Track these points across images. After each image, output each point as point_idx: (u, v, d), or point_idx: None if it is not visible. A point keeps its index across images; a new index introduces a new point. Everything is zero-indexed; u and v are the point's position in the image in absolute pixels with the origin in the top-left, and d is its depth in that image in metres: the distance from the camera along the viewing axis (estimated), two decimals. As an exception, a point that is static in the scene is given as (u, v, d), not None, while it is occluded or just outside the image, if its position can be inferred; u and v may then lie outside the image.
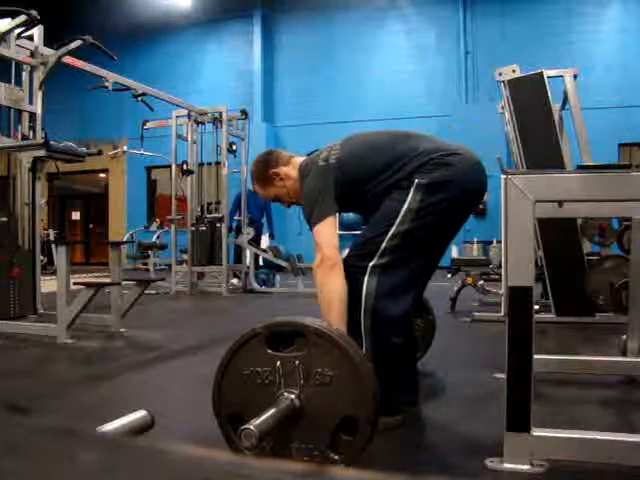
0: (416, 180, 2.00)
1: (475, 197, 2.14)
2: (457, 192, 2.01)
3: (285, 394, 1.50)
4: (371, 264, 1.99)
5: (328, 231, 2.03)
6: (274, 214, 8.78)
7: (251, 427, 1.39)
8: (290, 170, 2.28)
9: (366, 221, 2.29)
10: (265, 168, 2.30)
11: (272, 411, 1.46)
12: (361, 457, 1.48)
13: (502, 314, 4.13)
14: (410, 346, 2.23)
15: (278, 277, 7.84)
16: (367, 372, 1.49)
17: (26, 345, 3.65)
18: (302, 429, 1.50)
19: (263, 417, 1.44)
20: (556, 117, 4.73)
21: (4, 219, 4.49)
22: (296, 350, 1.52)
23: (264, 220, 8.54)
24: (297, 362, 1.50)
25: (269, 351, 1.54)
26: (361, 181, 2.10)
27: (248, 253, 7.38)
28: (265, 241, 9.04)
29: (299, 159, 2.32)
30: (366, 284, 1.99)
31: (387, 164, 2.06)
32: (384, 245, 2.00)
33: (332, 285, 1.95)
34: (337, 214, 2.10)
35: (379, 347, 1.97)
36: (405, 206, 1.99)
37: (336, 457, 1.48)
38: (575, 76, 4.80)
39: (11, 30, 4.40)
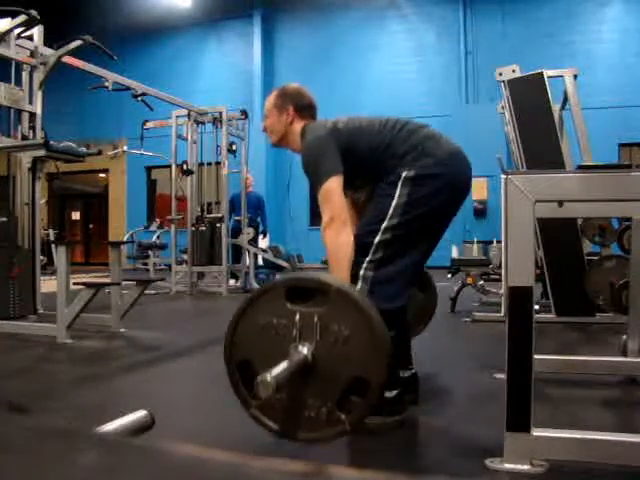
0: (403, 173, 2.01)
1: (463, 184, 2.14)
2: (444, 182, 2.03)
3: (299, 348, 1.50)
4: (367, 259, 2.00)
5: (336, 189, 2.02)
6: (273, 215, 8.79)
7: (268, 378, 1.39)
8: (299, 121, 2.26)
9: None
10: (285, 99, 2.28)
11: (286, 363, 1.45)
12: (366, 419, 1.50)
13: (502, 314, 4.13)
14: (406, 344, 2.24)
15: (278, 277, 7.83)
16: (384, 336, 1.49)
17: (26, 345, 3.65)
18: (312, 385, 1.50)
19: (278, 368, 1.43)
20: (556, 117, 4.73)
21: (4, 219, 4.48)
22: (315, 306, 1.52)
23: (259, 219, 8.57)
24: (316, 317, 1.50)
25: (288, 304, 1.53)
26: (365, 152, 2.10)
27: (248, 253, 7.37)
28: (265, 241, 9.05)
29: (309, 121, 2.28)
30: (361, 279, 1.99)
31: (388, 144, 2.08)
32: (377, 239, 2.00)
33: (343, 243, 1.96)
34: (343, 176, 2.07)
35: None
36: (395, 200, 2.01)
37: (342, 416, 1.47)
38: (575, 76, 4.79)
39: (11, 30, 4.39)
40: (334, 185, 2.02)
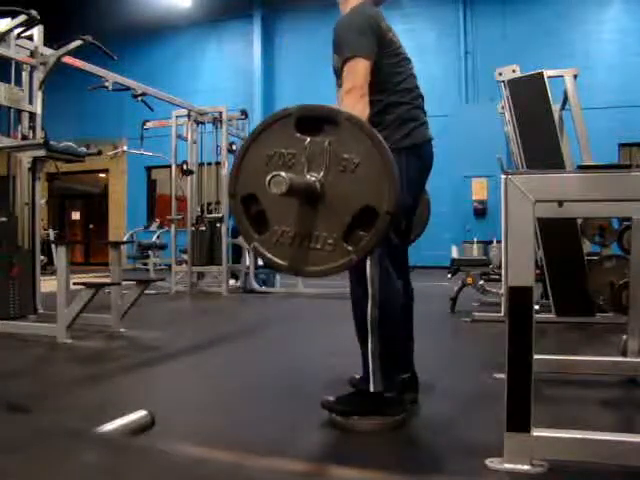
0: None
1: (427, 172, 2.26)
2: (416, 170, 2.13)
3: (308, 176, 1.46)
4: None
5: (363, 68, 2.00)
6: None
7: (282, 174, 1.37)
8: None
9: None
10: None
11: (298, 176, 1.43)
12: (373, 250, 1.48)
13: (502, 314, 4.13)
14: (408, 340, 2.25)
15: (278, 277, 7.83)
16: (393, 166, 1.46)
17: (26, 345, 3.65)
18: (320, 216, 1.47)
19: (292, 175, 1.41)
20: (556, 117, 4.73)
21: (4, 219, 4.48)
22: (325, 135, 1.48)
23: None
24: (326, 144, 1.45)
25: (298, 134, 1.50)
26: (381, 71, 2.11)
27: (248, 253, 7.37)
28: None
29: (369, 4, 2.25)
30: (369, 271, 1.98)
31: (394, 91, 2.14)
32: None
33: (358, 110, 1.96)
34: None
35: (386, 336, 1.98)
36: None
37: (350, 248, 1.44)
38: (575, 76, 4.79)
39: (11, 30, 4.39)
40: (360, 63, 2.00)
